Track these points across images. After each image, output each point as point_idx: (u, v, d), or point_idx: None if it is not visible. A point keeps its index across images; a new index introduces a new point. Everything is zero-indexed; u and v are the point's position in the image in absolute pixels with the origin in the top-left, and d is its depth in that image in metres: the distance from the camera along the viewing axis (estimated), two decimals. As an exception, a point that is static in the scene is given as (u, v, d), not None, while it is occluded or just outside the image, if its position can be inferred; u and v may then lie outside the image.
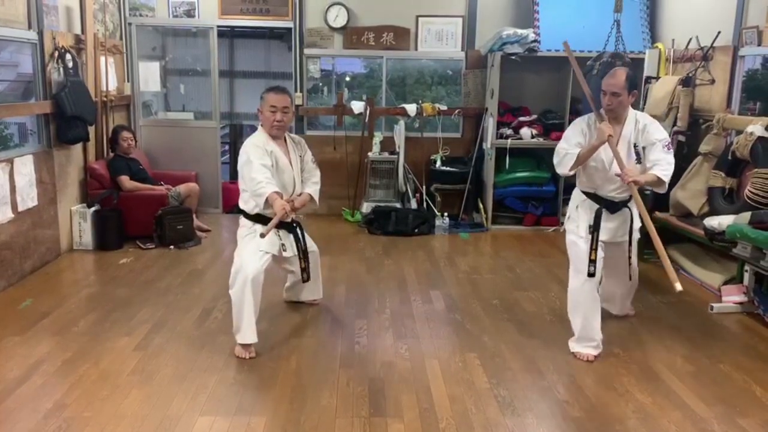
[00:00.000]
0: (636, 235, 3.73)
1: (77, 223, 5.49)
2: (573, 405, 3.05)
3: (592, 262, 3.52)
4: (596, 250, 3.54)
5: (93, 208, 5.55)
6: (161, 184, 6.09)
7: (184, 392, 3.10)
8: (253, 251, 3.55)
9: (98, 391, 3.09)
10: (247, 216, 3.66)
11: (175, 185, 6.09)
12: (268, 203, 3.43)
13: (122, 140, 5.93)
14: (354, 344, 3.71)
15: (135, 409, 2.94)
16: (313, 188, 3.82)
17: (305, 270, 3.82)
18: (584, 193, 3.68)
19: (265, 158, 3.51)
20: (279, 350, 3.59)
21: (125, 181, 5.79)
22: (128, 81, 6.76)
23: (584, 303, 3.55)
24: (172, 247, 5.61)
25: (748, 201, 4.30)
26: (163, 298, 4.39)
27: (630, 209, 3.66)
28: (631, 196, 3.58)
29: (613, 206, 3.61)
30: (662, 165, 3.43)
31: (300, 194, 3.76)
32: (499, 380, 3.28)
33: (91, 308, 4.18)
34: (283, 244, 3.68)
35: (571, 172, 3.54)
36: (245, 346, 3.49)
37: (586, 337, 3.56)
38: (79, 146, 5.64)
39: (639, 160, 3.51)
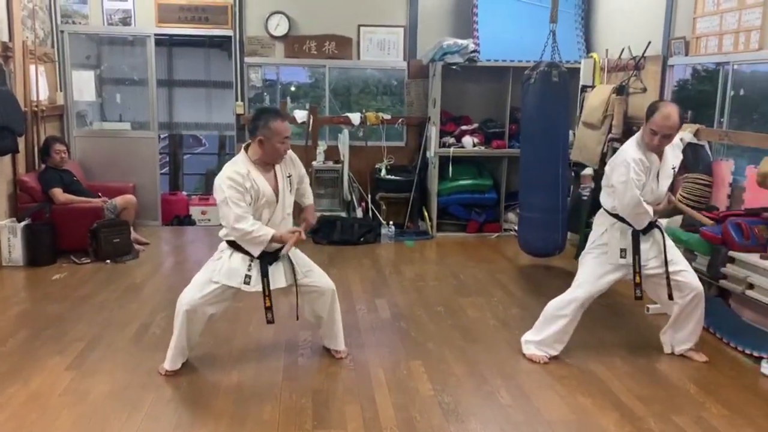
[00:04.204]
0: (673, 255, 3.51)
1: (6, 238, 5.24)
2: (516, 409, 3.08)
3: (638, 285, 3.46)
4: (639, 272, 3.44)
5: (23, 223, 5.32)
6: (99, 196, 5.88)
7: (120, 411, 2.98)
8: (201, 281, 3.29)
9: (27, 413, 2.94)
10: (230, 241, 3.30)
11: (111, 197, 5.90)
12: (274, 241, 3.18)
13: (55, 153, 5.70)
14: (298, 356, 3.65)
15: (66, 430, 2.81)
16: (310, 205, 3.60)
17: (270, 310, 3.34)
18: (614, 216, 3.50)
19: (246, 198, 3.12)
20: (220, 364, 3.50)
21: (58, 193, 5.57)
22: (61, 90, 6.53)
23: (569, 317, 3.54)
24: (108, 261, 5.42)
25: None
26: (98, 315, 4.22)
27: (659, 228, 3.54)
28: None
29: (645, 227, 3.47)
30: None
31: (304, 208, 3.58)
32: (444, 387, 3.29)
33: (20, 326, 3.99)
34: (248, 276, 3.26)
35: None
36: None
37: (549, 346, 3.60)
38: (7, 158, 5.40)
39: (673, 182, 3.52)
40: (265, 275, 3.27)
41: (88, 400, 3.09)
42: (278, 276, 3.35)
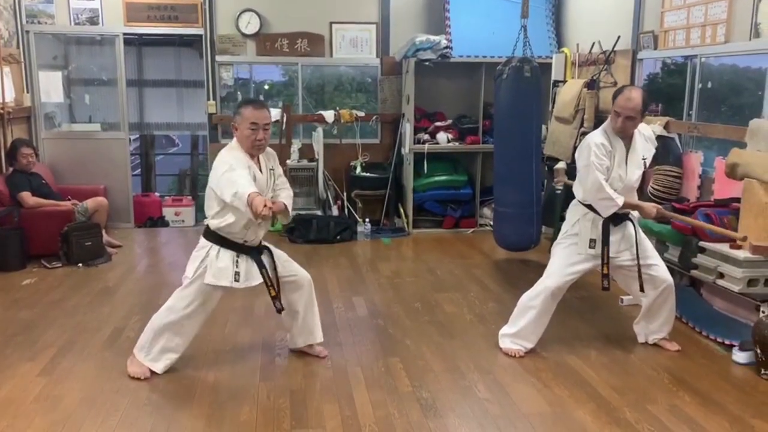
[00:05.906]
0: (645, 249, 3.56)
1: (-27, 243, 5.13)
2: (493, 403, 3.10)
3: (605, 276, 3.49)
4: (608, 264, 3.48)
5: (-9, 227, 5.22)
6: (69, 199, 5.78)
7: (94, 417, 2.94)
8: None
9: (-3, 422, 2.89)
10: (209, 236, 3.27)
11: (82, 200, 5.80)
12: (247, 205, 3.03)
13: (22, 157, 5.57)
14: (275, 356, 3.63)
15: (38, 438, 2.76)
16: (288, 197, 3.40)
17: (277, 299, 3.37)
18: (586, 206, 3.54)
19: (247, 169, 3.17)
20: (195, 365, 3.46)
21: (27, 197, 5.45)
22: (27, 92, 6.40)
23: (539, 307, 3.56)
24: (80, 264, 5.32)
25: (651, 197, 4.52)
26: (70, 319, 4.15)
27: (632, 221, 3.57)
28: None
29: (616, 219, 3.50)
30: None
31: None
32: (422, 383, 3.29)
33: (-11, 334, 3.91)
34: (237, 273, 3.26)
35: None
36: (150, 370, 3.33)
37: (524, 338, 3.62)
38: (-27, 162, 5.29)
39: (644, 172, 3.54)
40: (262, 266, 3.30)
41: (62, 406, 3.03)
42: (256, 271, 3.34)
